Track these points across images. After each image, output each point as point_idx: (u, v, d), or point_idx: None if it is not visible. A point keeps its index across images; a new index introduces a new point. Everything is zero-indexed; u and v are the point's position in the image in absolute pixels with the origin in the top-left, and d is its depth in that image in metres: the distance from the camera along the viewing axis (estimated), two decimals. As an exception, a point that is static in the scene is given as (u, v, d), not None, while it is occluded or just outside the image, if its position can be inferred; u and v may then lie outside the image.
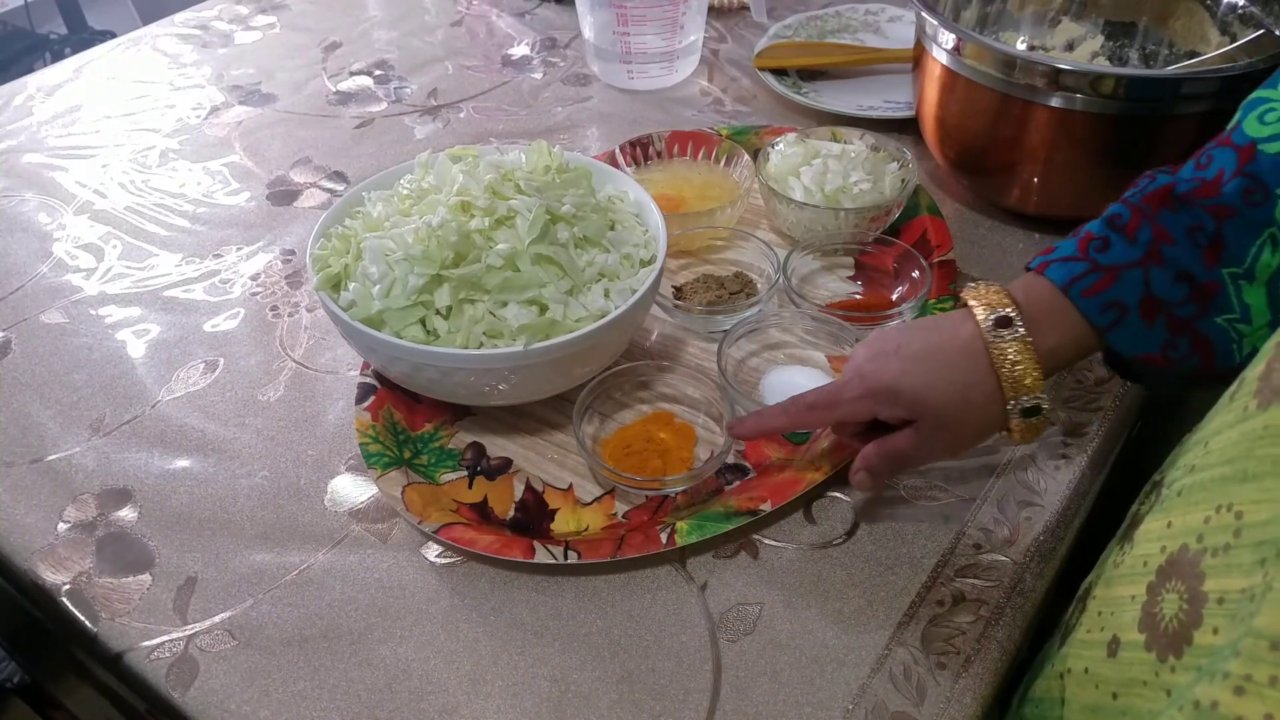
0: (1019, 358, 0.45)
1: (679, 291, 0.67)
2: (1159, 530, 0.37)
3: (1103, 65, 0.78)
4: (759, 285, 0.66)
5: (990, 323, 0.45)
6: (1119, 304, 0.44)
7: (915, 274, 0.64)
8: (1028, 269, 0.47)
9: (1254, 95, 0.45)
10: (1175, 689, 0.32)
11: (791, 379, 0.60)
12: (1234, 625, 0.30)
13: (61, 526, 0.55)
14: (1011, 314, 0.45)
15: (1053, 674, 0.43)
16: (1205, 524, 0.33)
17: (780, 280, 0.64)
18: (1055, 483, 0.55)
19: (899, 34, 0.98)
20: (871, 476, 0.50)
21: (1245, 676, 0.27)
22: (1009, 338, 0.45)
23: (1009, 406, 0.46)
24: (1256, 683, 0.27)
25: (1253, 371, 0.35)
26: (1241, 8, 0.70)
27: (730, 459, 0.56)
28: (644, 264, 0.58)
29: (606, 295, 0.55)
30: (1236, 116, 0.45)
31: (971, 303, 0.46)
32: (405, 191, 0.59)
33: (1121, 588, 0.39)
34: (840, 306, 0.65)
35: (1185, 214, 0.44)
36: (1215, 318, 0.44)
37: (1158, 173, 0.46)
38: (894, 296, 0.65)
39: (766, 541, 0.53)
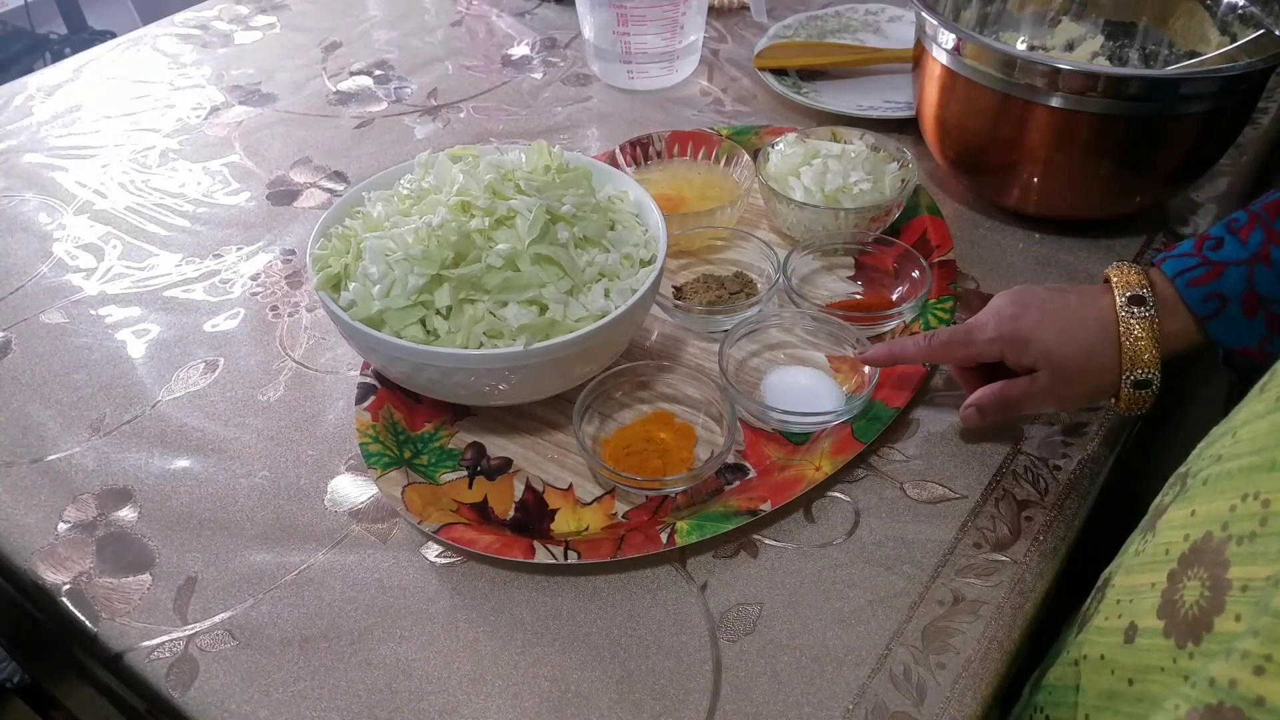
0: (1142, 334, 0.49)
1: (679, 291, 0.66)
2: (1182, 518, 0.37)
3: (1103, 65, 0.78)
4: (759, 285, 0.66)
5: (1125, 299, 0.50)
6: (1220, 296, 0.48)
7: (915, 274, 0.64)
8: (1151, 264, 0.52)
9: None
10: (1192, 674, 0.32)
11: (794, 379, 0.60)
12: (1257, 612, 0.30)
13: (61, 526, 0.55)
14: (1145, 295, 0.50)
15: (1068, 661, 0.43)
16: (1231, 512, 0.34)
17: (780, 280, 0.64)
18: (1055, 482, 0.55)
19: (899, 34, 0.98)
20: (980, 414, 0.55)
21: (1265, 656, 0.28)
22: (1139, 315, 0.50)
23: (1124, 376, 0.51)
24: (1276, 662, 0.27)
25: None
26: (1241, 8, 0.70)
27: (730, 459, 0.57)
28: (644, 264, 0.58)
29: (606, 295, 0.55)
30: None
31: (1113, 279, 0.51)
32: (405, 191, 0.59)
33: (1141, 575, 0.39)
34: (840, 306, 0.65)
35: None
36: None
37: None
38: (894, 296, 0.65)
39: (766, 541, 0.53)
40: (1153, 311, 0.50)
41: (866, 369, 0.58)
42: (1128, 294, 0.50)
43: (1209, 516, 0.35)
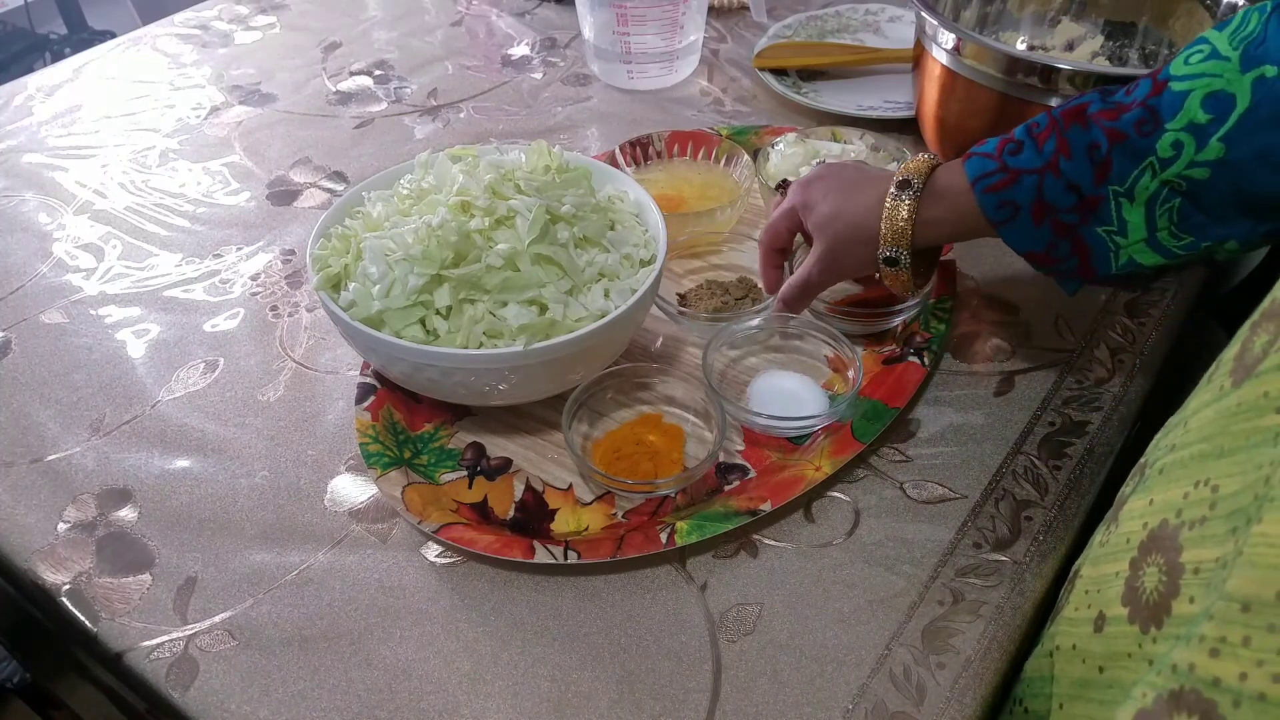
0: (899, 216, 0.53)
1: (683, 299, 0.66)
2: (1141, 508, 0.38)
3: (1103, 65, 0.78)
4: (763, 290, 0.66)
5: (895, 183, 0.53)
6: (1013, 204, 0.50)
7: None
8: (966, 154, 0.53)
9: (1200, 35, 0.47)
10: (1156, 658, 0.33)
11: (779, 384, 0.60)
12: (1209, 594, 0.31)
13: (61, 526, 0.55)
14: (914, 181, 0.53)
15: (1043, 652, 0.44)
16: (1184, 499, 0.35)
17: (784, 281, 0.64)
18: (1055, 482, 0.55)
19: (899, 34, 0.98)
20: (785, 304, 0.60)
21: (1220, 639, 0.28)
22: (901, 198, 0.53)
23: (878, 252, 0.55)
24: (1230, 644, 0.28)
25: (1229, 353, 0.37)
26: (1241, 8, 0.70)
27: (727, 459, 0.57)
28: (644, 264, 0.58)
29: (606, 295, 0.55)
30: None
31: (903, 165, 0.54)
32: (405, 191, 0.59)
33: (1107, 565, 0.40)
34: (844, 304, 0.64)
35: (1087, 133, 0.48)
36: (1096, 228, 0.49)
37: (1098, 90, 0.50)
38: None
39: (766, 541, 0.53)
40: (914, 196, 0.53)
41: (850, 373, 0.58)
42: (899, 179, 0.53)
43: (1164, 504, 0.36)
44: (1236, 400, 0.34)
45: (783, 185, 0.61)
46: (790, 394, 0.59)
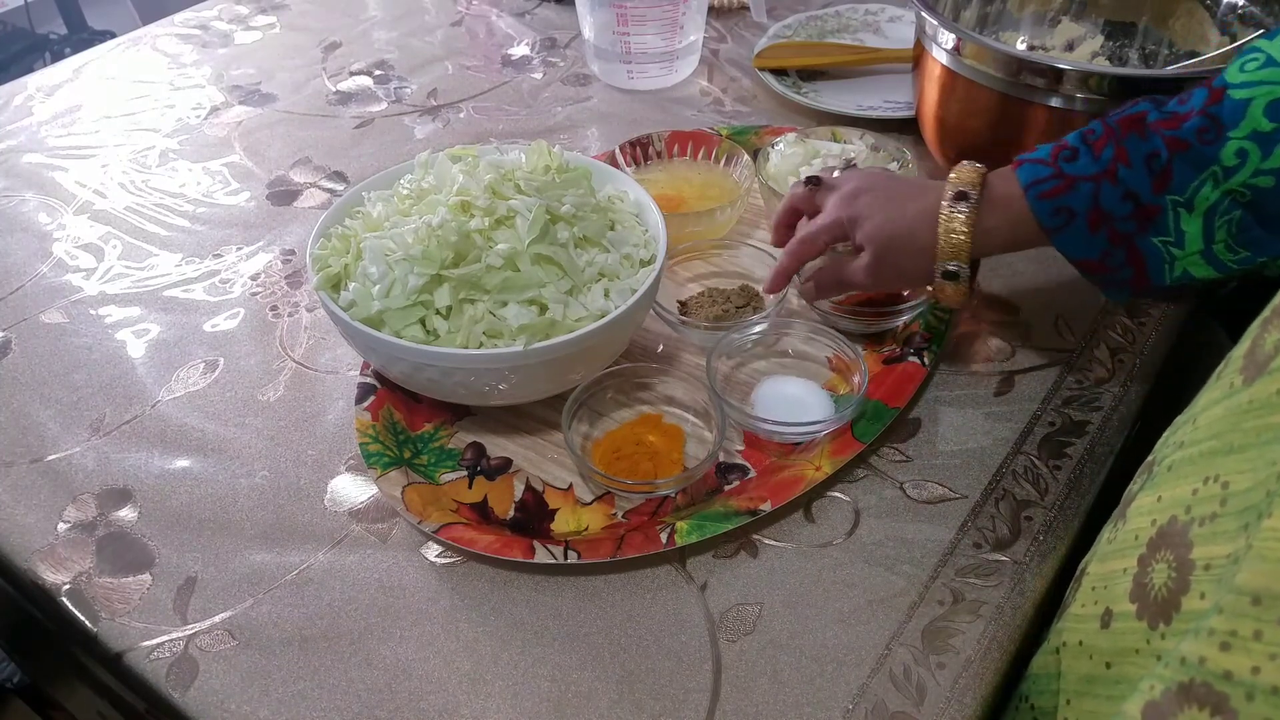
0: (959, 229, 0.52)
1: (684, 306, 0.66)
2: (1149, 504, 0.38)
3: (1103, 65, 0.78)
4: (765, 299, 0.66)
5: (951, 195, 0.52)
6: (1069, 210, 0.49)
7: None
8: (1013, 162, 0.52)
9: (1251, 43, 0.46)
10: (1165, 654, 0.33)
11: (783, 389, 0.60)
12: (1219, 590, 0.31)
13: (61, 526, 0.55)
14: (970, 192, 0.52)
15: (1049, 649, 0.44)
16: (1194, 495, 0.35)
17: (786, 290, 0.64)
18: (1055, 482, 0.55)
19: (899, 34, 0.98)
20: (817, 289, 0.60)
21: (1230, 632, 0.28)
22: (959, 210, 0.52)
23: (935, 266, 0.54)
24: (1241, 637, 0.28)
25: (1239, 350, 0.37)
26: (1241, 8, 0.70)
27: (727, 458, 0.57)
28: (644, 264, 0.58)
29: (606, 295, 0.55)
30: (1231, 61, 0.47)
31: (951, 176, 0.53)
32: (405, 191, 0.59)
33: (1114, 562, 0.40)
34: (849, 302, 0.64)
35: (1147, 142, 0.47)
36: (1153, 238, 0.48)
37: (1149, 99, 0.49)
38: (904, 292, 0.65)
39: (766, 541, 0.53)
40: (971, 208, 0.51)
41: (855, 377, 0.58)
42: (954, 190, 0.52)
43: (1173, 501, 0.36)
44: (1248, 397, 0.34)
45: (811, 181, 0.60)
46: (795, 399, 0.59)
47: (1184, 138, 0.46)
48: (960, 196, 0.52)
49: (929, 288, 0.56)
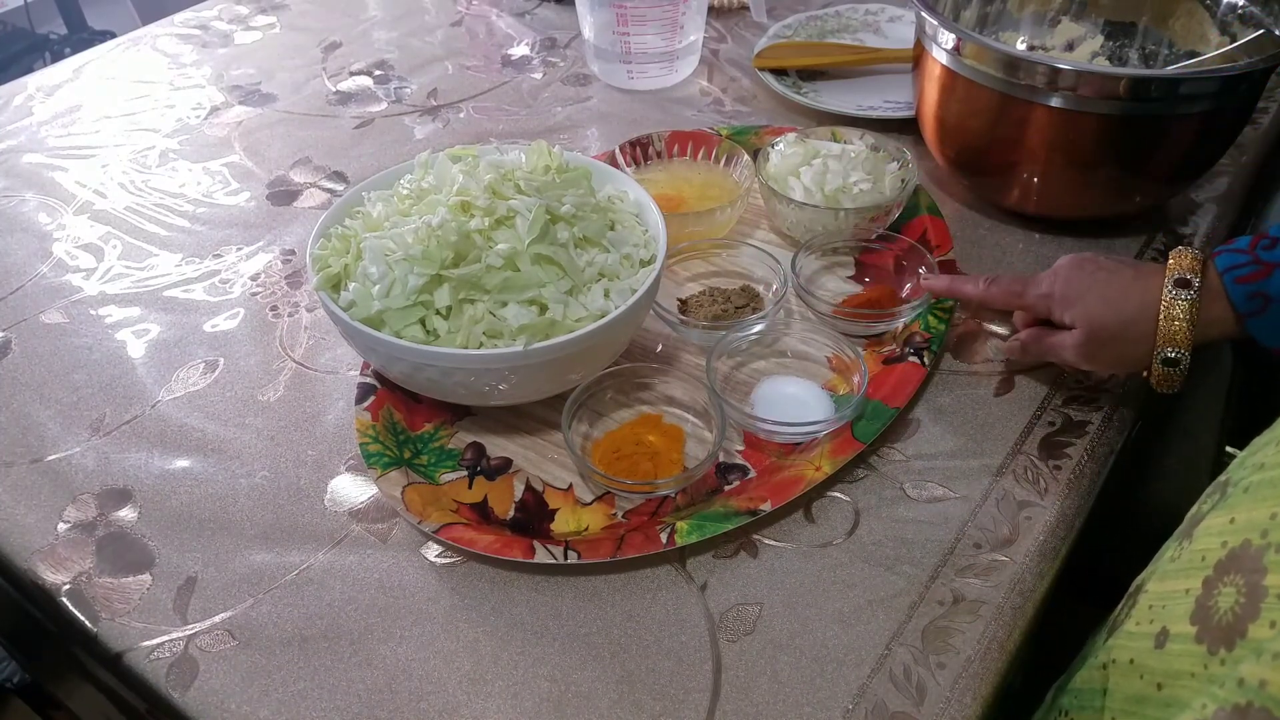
0: (1180, 316, 0.52)
1: (684, 306, 0.66)
2: (1220, 525, 0.37)
3: (1103, 65, 0.78)
4: (765, 299, 0.66)
5: (1172, 281, 0.52)
6: (1265, 295, 0.50)
7: (921, 269, 0.64)
8: (1209, 253, 0.53)
9: None
10: (1222, 679, 0.32)
11: (783, 389, 0.60)
12: None
13: (61, 526, 0.55)
14: (1192, 279, 0.52)
15: (1095, 665, 0.43)
16: (1271, 519, 0.34)
17: (786, 290, 0.64)
18: (1055, 482, 0.55)
19: (899, 34, 0.98)
20: (1023, 351, 0.60)
21: None
22: (1181, 297, 0.52)
23: (1156, 353, 0.53)
24: None
25: None
26: (1241, 8, 0.70)
27: (727, 459, 0.56)
28: (644, 264, 0.58)
29: (606, 295, 0.55)
30: None
31: (1170, 261, 0.53)
32: (405, 191, 0.59)
33: (1176, 581, 0.39)
34: (849, 304, 0.64)
35: None
36: None
37: None
38: (902, 293, 0.65)
39: (766, 541, 0.53)
40: (1194, 296, 0.51)
41: (855, 377, 0.58)
42: (1175, 277, 0.52)
43: (1249, 524, 0.35)
44: None
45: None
46: (794, 399, 0.59)
47: None
48: (1182, 284, 0.52)
49: (1145, 373, 0.55)
